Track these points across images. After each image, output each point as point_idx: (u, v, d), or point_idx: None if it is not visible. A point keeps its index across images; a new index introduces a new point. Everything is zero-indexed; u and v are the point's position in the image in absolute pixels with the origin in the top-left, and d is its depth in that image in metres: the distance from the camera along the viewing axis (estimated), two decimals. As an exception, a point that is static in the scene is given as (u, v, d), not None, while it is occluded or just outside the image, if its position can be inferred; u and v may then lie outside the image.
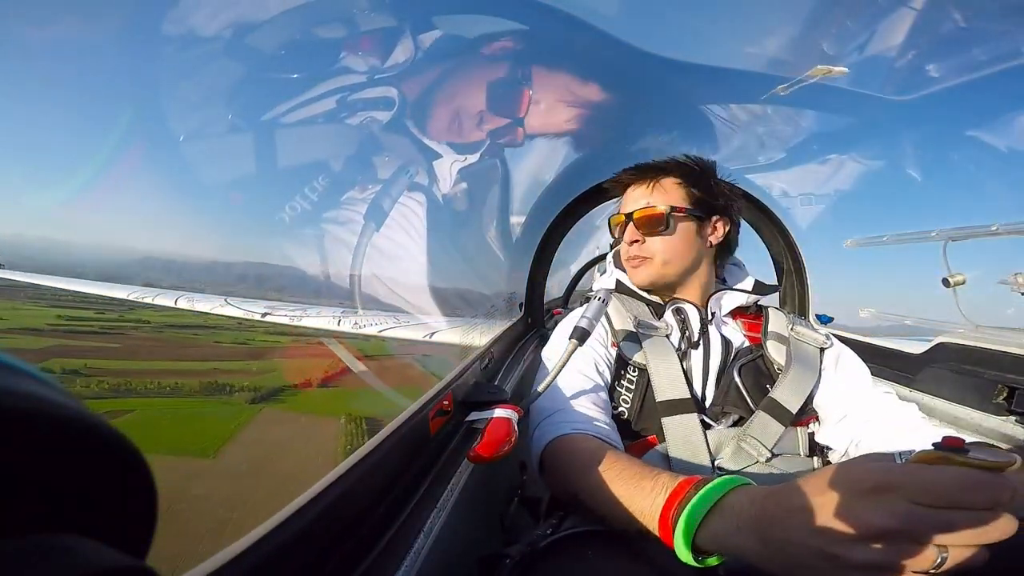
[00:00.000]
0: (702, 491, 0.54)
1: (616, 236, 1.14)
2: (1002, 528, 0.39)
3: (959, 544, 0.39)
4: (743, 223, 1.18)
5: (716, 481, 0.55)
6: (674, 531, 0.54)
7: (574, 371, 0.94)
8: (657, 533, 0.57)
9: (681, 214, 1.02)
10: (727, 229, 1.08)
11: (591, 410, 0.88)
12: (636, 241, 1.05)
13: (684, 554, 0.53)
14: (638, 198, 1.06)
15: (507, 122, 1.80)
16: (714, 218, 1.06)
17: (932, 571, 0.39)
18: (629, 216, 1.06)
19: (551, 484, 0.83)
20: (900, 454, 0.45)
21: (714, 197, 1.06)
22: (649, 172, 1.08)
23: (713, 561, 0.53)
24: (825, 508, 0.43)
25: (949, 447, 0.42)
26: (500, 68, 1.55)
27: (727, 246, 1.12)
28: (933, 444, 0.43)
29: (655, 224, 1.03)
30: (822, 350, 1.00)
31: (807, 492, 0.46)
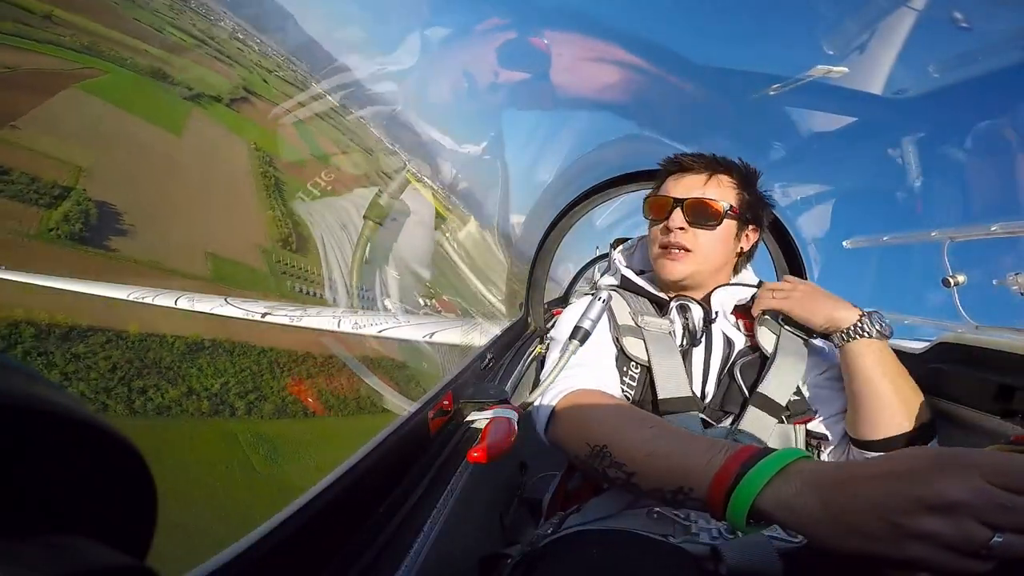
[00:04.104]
0: (772, 455, 0.56)
1: (653, 218, 1.06)
2: None
3: (1019, 527, 0.41)
4: None
5: (784, 450, 0.57)
6: (732, 489, 0.55)
7: (581, 359, 0.95)
8: (703, 491, 0.58)
9: (733, 215, 1.00)
10: (756, 239, 1.08)
11: (608, 378, 0.90)
12: (682, 229, 0.99)
13: (738, 513, 0.54)
14: (691, 186, 1.01)
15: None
16: (751, 226, 1.06)
17: (983, 552, 0.42)
18: (680, 201, 0.99)
19: (566, 435, 0.81)
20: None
21: (756, 206, 1.05)
22: (710, 164, 1.03)
23: (755, 530, 0.55)
24: (898, 478, 0.46)
25: (1021, 441, 0.49)
26: (505, 67, 1.55)
27: (749, 255, 1.11)
28: (1005, 440, 0.50)
29: (710, 217, 0.98)
30: (806, 340, 0.99)
31: (878, 464, 0.49)
